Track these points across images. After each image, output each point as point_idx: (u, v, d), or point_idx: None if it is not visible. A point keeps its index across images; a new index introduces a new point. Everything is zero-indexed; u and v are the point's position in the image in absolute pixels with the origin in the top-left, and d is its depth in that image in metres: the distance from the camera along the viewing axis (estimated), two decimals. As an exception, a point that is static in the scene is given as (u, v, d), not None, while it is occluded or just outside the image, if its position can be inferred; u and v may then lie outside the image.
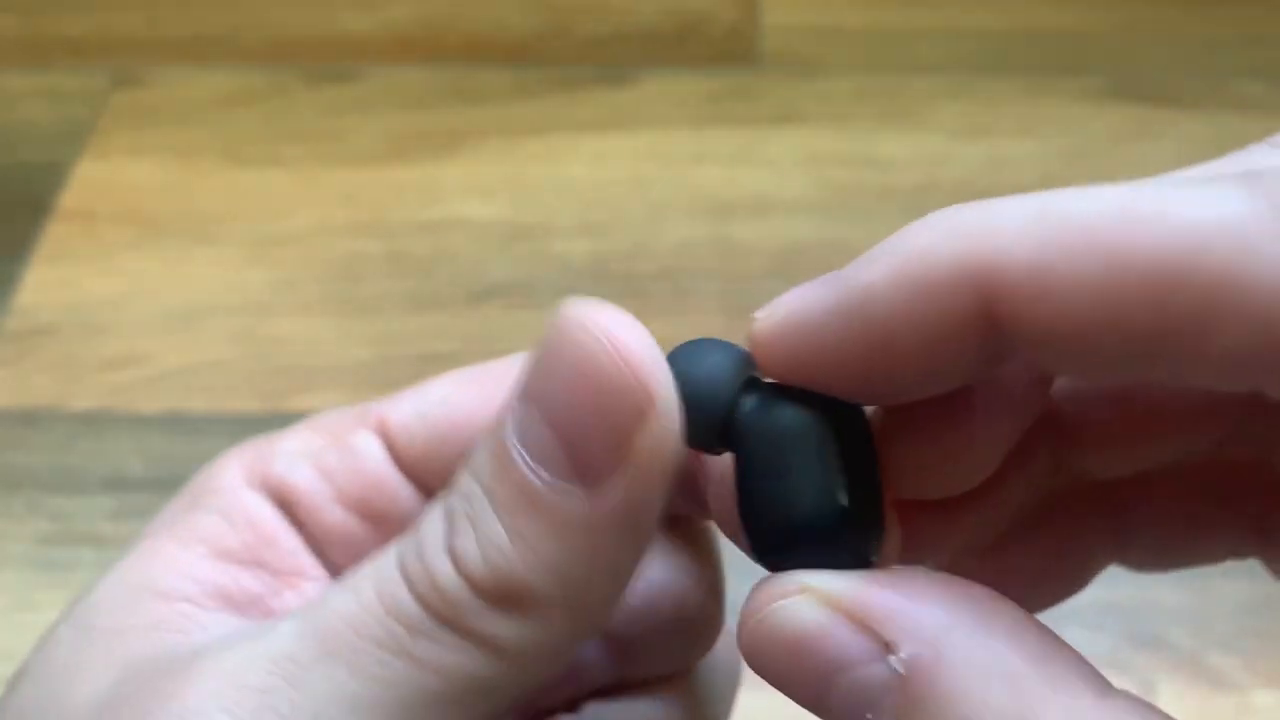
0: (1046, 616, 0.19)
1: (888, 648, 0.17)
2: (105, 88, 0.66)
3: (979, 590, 0.17)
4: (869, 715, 0.17)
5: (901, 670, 0.17)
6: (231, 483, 0.23)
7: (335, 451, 0.23)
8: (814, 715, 0.18)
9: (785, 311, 0.19)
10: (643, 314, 0.21)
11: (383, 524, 0.23)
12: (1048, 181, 0.60)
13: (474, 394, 0.23)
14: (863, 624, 0.17)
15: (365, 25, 0.69)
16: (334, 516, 0.23)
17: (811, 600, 0.17)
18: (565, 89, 0.65)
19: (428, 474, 0.23)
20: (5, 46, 0.68)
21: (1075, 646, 0.17)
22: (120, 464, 0.50)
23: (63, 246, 0.59)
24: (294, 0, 0.70)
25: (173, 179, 0.62)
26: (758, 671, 0.18)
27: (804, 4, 0.69)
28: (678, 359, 0.19)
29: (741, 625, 0.18)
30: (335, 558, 0.23)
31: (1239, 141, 0.68)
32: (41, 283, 0.57)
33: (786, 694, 0.18)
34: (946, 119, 0.63)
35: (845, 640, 0.17)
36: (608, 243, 0.58)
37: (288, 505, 0.23)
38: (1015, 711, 0.16)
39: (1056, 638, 0.17)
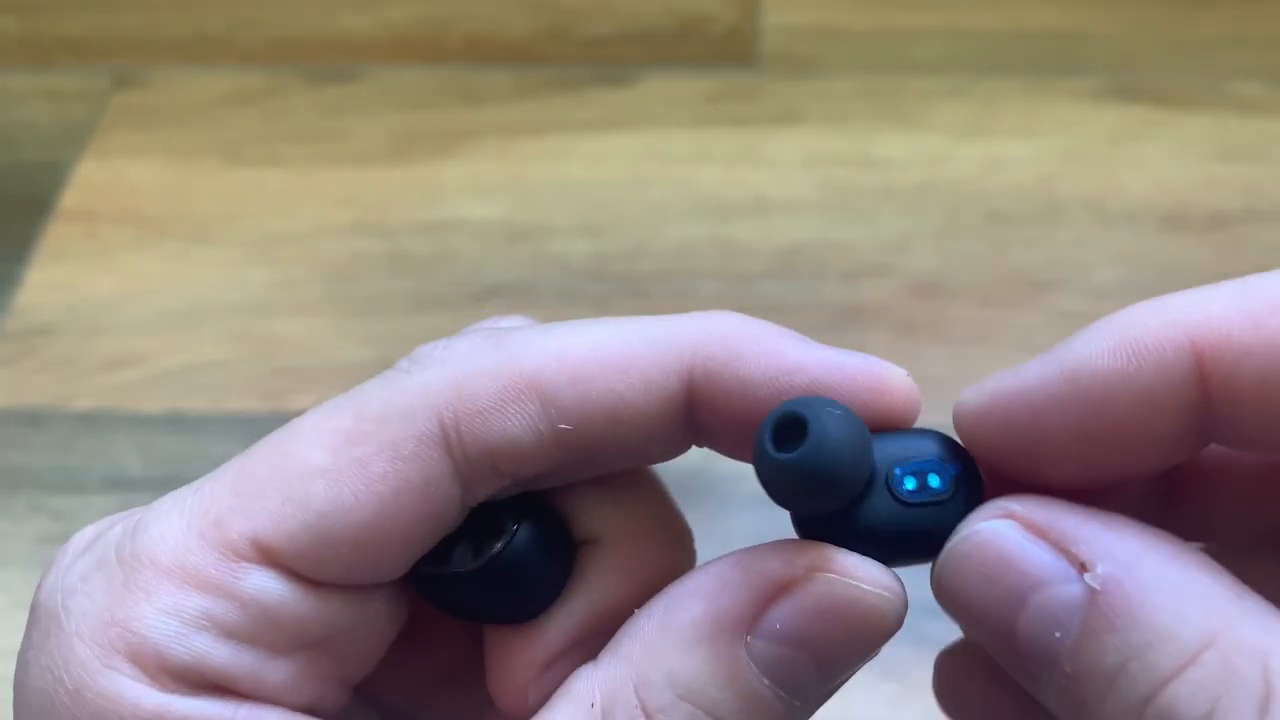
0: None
1: (1083, 568, 0.18)
2: (106, 88, 0.66)
3: (1169, 535, 0.18)
4: (1057, 634, 0.18)
5: (1096, 586, 0.17)
6: (113, 690, 0.19)
7: (225, 604, 0.20)
8: (999, 645, 0.18)
9: (994, 387, 0.20)
10: (643, 314, 0.21)
11: (320, 646, 0.21)
12: (1047, 182, 0.60)
13: (356, 492, 0.20)
14: (1060, 546, 0.18)
15: (365, 25, 0.69)
16: (275, 676, 0.20)
17: (1013, 524, 0.19)
18: (565, 89, 0.65)
19: (322, 577, 0.20)
20: (6, 47, 0.68)
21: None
22: (121, 464, 0.50)
23: (63, 246, 0.59)
24: (294, 0, 0.70)
25: (173, 179, 0.62)
26: (951, 596, 0.19)
27: (804, 4, 0.69)
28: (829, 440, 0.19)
29: (946, 551, 0.19)
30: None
31: (1239, 141, 0.69)
32: (42, 283, 0.57)
33: (975, 621, 0.19)
34: (946, 119, 0.63)
35: (1043, 560, 0.18)
36: (608, 243, 0.58)
37: (209, 689, 0.20)
38: (1209, 628, 0.17)
39: (1239, 581, 0.18)
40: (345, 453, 0.20)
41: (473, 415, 0.20)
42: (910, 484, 0.20)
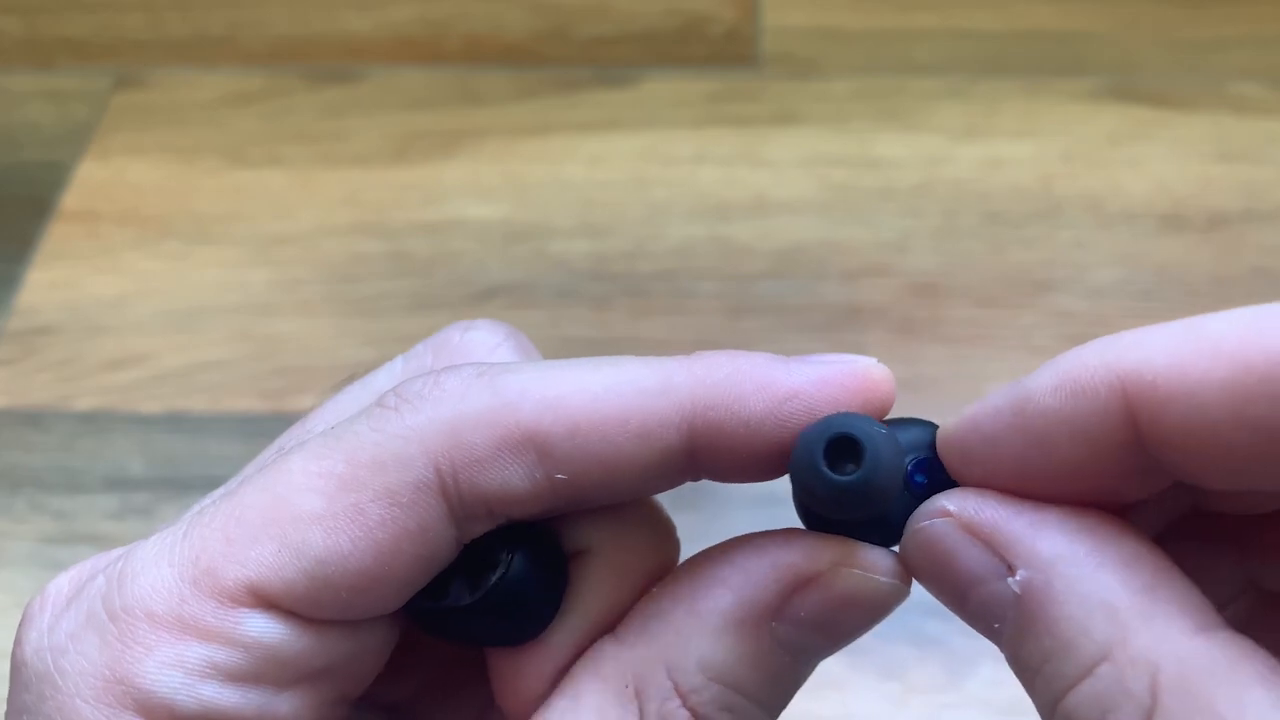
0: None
1: (1010, 569, 0.19)
2: (107, 88, 0.66)
3: (1106, 521, 0.19)
4: (997, 625, 0.19)
5: (1018, 590, 0.19)
6: None
7: (226, 650, 0.20)
8: (963, 619, 0.20)
9: (966, 415, 0.20)
10: (643, 314, 0.21)
11: (324, 677, 0.21)
12: (1046, 182, 0.60)
13: (354, 539, 0.20)
14: (991, 545, 0.19)
15: (365, 26, 0.69)
16: (281, 710, 0.20)
17: (951, 522, 0.20)
18: (565, 90, 0.65)
19: (322, 616, 0.21)
20: (8, 47, 0.69)
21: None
22: (121, 463, 0.51)
23: (64, 246, 0.59)
24: (294, 1, 0.70)
25: (174, 179, 0.62)
26: (915, 578, 0.21)
27: (803, 5, 0.69)
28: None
29: (901, 543, 0.21)
30: None
31: (1237, 141, 0.69)
32: (43, 283, 0.57)
33: (939, 599, 0.20)
34: (945, 119, 0.63)
35: (976, 559, 0.19)
36: (608, 243, 0.58)
37: None
38: (1109, 639, 0.18)
39: (1172, 570, 0.19)
40: (340, 499, 0.20)
41: (469, 464, 0.20)
42: (920, 479, 0.21)
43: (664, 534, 0.23)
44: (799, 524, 0.21)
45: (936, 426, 0.21)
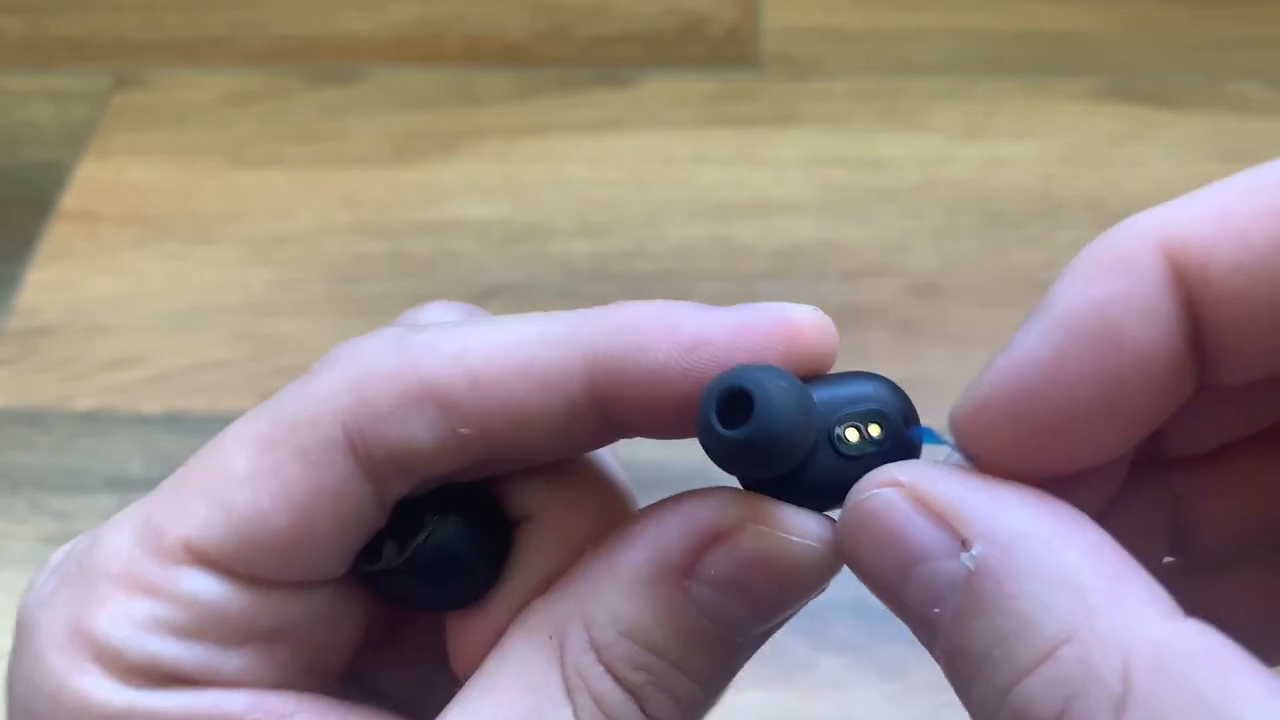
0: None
1: (964, 545, 0.17)
2: (107, 88, 0.66)
3: (1066, 507, 0.18)
4: (936, 610, 0.17)
5: (971, 566, 0.17)
6: (84, 691, 0.20)
7: (168, 605, 0.21)
8: (892, 610, 0.19)
9: (992, 375, 0.18)
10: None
11: (260, 638, 0.21)
12: (1046, 182, 0.60)
13: (273, 496, 0.21)
14: (944, 519, 0.18)
15: (365, 26, 0.69)
16: (231, 667, 0.21)
17: (901, 492, 0.18)
18: (565, 90, 0.65)
19: (258, 574, 0.21)
20: (8, 47, 0.69)
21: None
22: (121, 463, 0.51)
23: (64, 247, 0.59)
24: (294, 1, 0.70)
25: (174, 179, 0.62)
26: (848, 559, 0.19)
27: (803, 5, 0.69)
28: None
29: (841, 514, 0.19)
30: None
31: (1238, 141, 0.69)
32: (43, 283, 0.57)
33: (869, 584, 0.19)
34: (945, 119, 0.63)
35: (926, 533, 0.18)
36: (608, 243, 0.58)
37: (173, 683, 0.21)
38: (1074, 620, 0.16)
39: (1135, 563, 0.17)
40: (262, 459, 0.21)
41: (373, 420, 0.20)
42: (851, 437, 0.20)
43: (611, 498, 0.22)
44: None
45: (883, 379, 0.20)
